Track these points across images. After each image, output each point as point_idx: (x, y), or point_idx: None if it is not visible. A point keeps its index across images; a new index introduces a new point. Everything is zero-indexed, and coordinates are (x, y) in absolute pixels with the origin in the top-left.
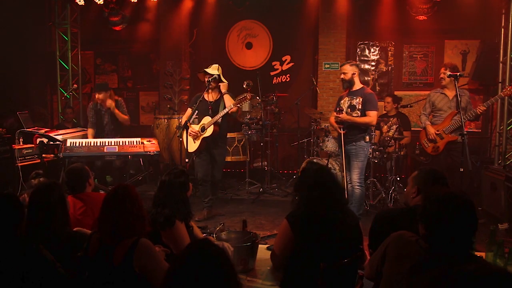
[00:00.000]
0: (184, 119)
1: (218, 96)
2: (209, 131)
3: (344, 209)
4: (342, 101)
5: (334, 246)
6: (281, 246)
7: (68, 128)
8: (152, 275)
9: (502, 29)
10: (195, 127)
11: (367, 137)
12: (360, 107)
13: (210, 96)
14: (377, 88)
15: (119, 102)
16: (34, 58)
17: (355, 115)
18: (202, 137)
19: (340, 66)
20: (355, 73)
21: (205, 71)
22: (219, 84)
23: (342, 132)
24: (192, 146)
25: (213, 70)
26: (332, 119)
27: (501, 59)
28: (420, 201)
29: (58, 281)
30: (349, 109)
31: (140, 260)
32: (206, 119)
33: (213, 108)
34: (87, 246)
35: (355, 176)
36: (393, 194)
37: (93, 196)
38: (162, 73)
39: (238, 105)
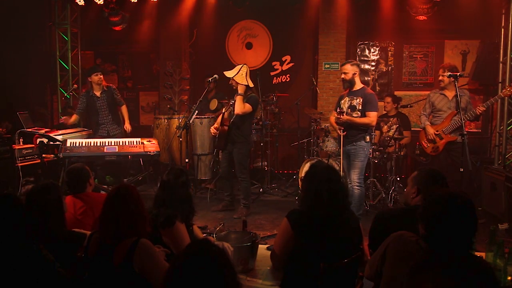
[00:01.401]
0: (218, 119)
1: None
2: (217, 131)
3: (347, 209)
4: (342, 101)
5: (334, 246)
6: (281, 245)
7: (68, 128)
8: (152, 275)
9: (502, 29)
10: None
11: (367, 137)
12: (360, 108)
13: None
14: (377, 88)
15: (111, 88)
16: (34, 58)
17: (355, 115)
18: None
19: (341, 66)
20: (356, 73)
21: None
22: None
23: (342, 134)
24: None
25: (232, 72)
26: (332, 119)
27: (501, 59)
28: (420, 201)
29: (58, 281)
30: (349, 109)
31: (140, 260)
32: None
33: (232, 109)
34: (87, 246)
35: (355, 176)
36: (393, 194)
37: (93, 196)
38: (162, 73)
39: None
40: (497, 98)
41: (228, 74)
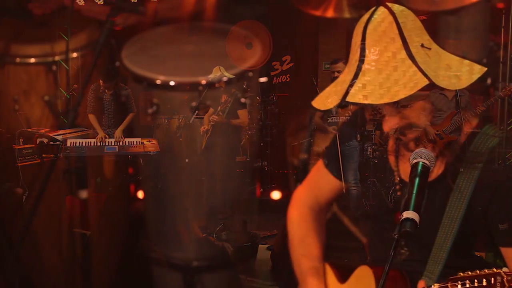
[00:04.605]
0: (206, 118)
1: (226, 98)
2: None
3: None
4: None
5: None
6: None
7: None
8: None
9: (502, 29)
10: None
11: (359, 136)
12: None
13: (223, 98)
14: None
15: (124, 89)
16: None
17: (347, 114)
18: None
19: (331, 64)
20: None
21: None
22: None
23: (335, 132)
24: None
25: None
26: (317, 120)
27: (501, 59)
28: None
29: None
30: (339, 109)
31: None
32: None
33: (223, 109)
34: None
35: (351, 177)
36: (393, 194)
37: (93, 196)
38: None
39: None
40: (497, 98)
41: (215, 73)
